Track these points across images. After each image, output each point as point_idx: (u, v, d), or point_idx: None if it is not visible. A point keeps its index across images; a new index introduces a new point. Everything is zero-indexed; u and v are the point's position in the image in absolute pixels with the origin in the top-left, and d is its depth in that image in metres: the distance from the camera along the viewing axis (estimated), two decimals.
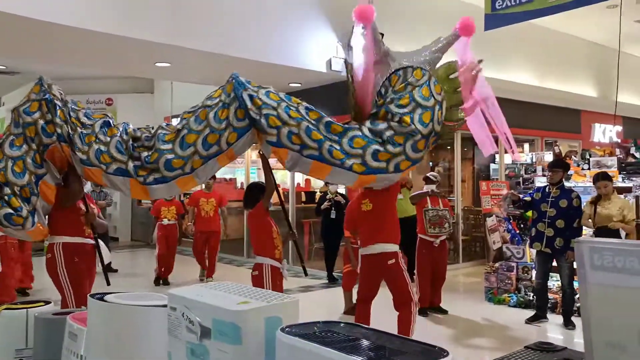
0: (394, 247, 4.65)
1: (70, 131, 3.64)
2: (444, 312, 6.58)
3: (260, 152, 3.88)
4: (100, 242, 4.51)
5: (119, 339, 1.65)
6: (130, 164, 3.56)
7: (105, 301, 1.68)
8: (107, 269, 9.62)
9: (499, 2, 6.61)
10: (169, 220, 8.61)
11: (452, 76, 3.82)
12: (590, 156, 7.69)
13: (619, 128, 12.82)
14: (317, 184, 11.43)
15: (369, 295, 4.84)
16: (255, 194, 4.59)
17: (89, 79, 13.09)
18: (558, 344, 1.52)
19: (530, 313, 6.32)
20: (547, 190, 6.18)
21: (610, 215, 5.81)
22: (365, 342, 1.12)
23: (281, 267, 4.46)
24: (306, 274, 5.19)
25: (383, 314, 4.83)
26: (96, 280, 4.58)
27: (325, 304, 7.26)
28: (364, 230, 4.82)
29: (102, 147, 3.59)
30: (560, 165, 6.30)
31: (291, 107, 3.49)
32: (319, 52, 8.26)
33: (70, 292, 4.17)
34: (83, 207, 4.30)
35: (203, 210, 8.41)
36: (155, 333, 1.57)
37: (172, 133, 3.58)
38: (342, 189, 8.61)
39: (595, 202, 5.97)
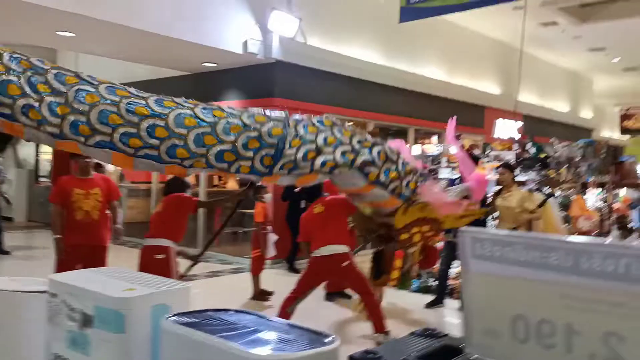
0: (345, 249, 4.80)
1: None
2: (348, 297, 6.73)
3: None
4: None
5: None
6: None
7: None
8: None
9: None
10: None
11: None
12: (490, 150, 8.11)
13: (520, 124, 13.62)
14: None
15: (306, 294, 4.93)
16: (176, 189, 4.76)
17: None
18: (449, 328, 1.58)
19: (430, 298, 6.61)
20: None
21: (510, 207, 6.03)
22: (253, 330, 1.10)
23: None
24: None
25: (313, 309, 4.79)
26: None
27: (233, 289, 7.19)
28: (316, 233, 4.88)
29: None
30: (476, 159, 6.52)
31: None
32: (235, 32, 8.08)
33: None
34: None
35: (80, 210, 4.81)
36: (34, 321, 1.47)
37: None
38: None
39: (497, 193, 6.26)
